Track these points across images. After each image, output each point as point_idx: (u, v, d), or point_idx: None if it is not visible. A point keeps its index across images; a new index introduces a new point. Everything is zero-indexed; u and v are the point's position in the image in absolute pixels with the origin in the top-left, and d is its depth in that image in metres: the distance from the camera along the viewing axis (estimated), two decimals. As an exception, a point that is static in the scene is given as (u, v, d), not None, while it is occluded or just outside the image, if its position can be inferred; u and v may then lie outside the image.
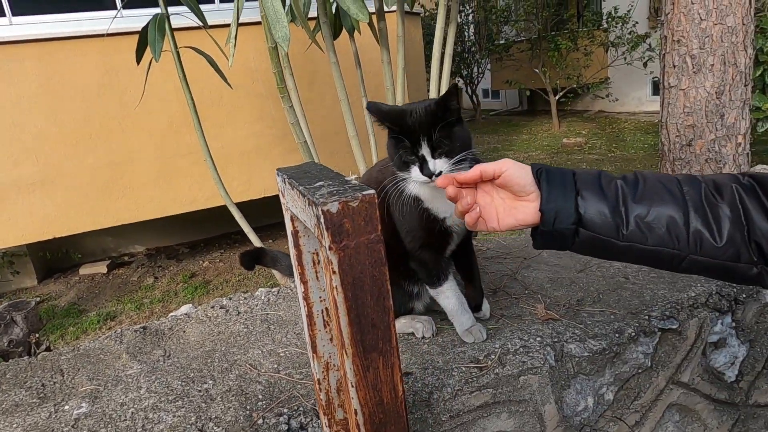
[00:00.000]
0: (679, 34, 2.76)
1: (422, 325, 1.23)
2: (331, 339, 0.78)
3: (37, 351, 1.37)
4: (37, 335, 1.31)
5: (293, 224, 0.75)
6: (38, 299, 4.68)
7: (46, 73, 3.99)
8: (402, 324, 1.26)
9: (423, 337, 1.23)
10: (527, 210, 0.79)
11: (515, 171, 0.78)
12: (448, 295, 1.19)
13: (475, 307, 1.28)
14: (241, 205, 3.80)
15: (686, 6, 2.68)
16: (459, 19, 12.00)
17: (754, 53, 2.78)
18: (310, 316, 0.79)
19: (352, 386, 0.60)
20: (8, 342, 1.25)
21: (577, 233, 0.75)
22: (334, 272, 0.56)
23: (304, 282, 0.77)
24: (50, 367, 1.26)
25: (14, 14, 4.05)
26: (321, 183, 0.62)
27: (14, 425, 1.05)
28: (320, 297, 0.77)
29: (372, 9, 2.10)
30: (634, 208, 0.72)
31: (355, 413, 0.61)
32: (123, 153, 4.36)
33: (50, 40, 3.95)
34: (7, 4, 3.99)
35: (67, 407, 1.10)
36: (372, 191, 0.56)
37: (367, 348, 0.59)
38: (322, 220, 0.54)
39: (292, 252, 0.77)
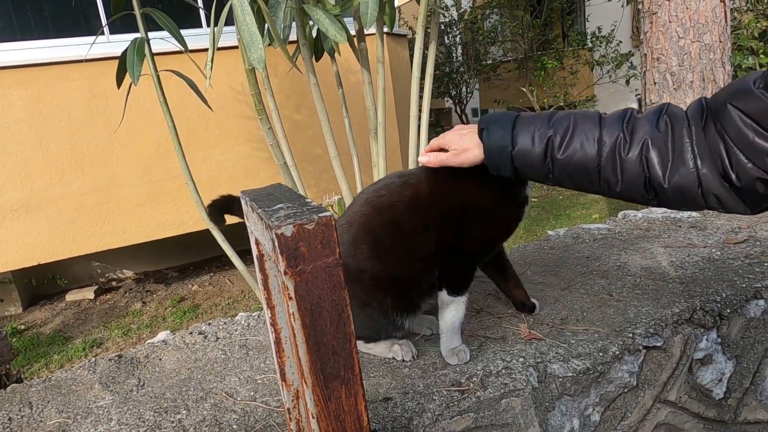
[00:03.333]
0: (658, 52, 2.80)
1: (400, 348, 1.21)
2: (297, 368, 0.76)
3: (7, 383, 1.33)
4: (8, 366, 1.28)
5: (258, 248, 0.73)
6: (20, 327, 4.58)
7: (31, 99, 3.98)
8: (382, 348, 1.23)
9: (403, 360, 1.20)
10: (470, 157, 1.03)
11: (449, 135, 1.09)
12: (461, 308, 1.18)
13: (530, 308, 1.36)
14: (229, 228, 3.77)
15: (664, 24, 2.73)
16: (447, 41, 12.19)
17: (732, 69, 2.83)
18: (278, 342, 0.76)
19: (313, 417, 0.57)
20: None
21: (516, 171, 0.99)
22: (290, 298, 0.54)
23: (271, 307, 0.75)
24: (19, 400, 1.22)
25: (0, 40, 4.06)
26: (280, 206, 0.60)
27: (-24, 463, 1.01)
28: (286, 321, 0.75)
29: (353, 31, 2.11)
30: (558, 160, 0.93)
31: (317, 446, 0.58)
32: (110, 177, 4.33)
33: (36, 65, 3.95)
34: (-7, 31, 4.00)
35: (33, 442, 1.06)
36: (329, 213, 0.54)
37: (327, 377, 0.56)
38: (276, 243, 0.52)
39: (259, 276, 0.75)
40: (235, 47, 3.84)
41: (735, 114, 0.77)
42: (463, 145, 1.03)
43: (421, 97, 2.10)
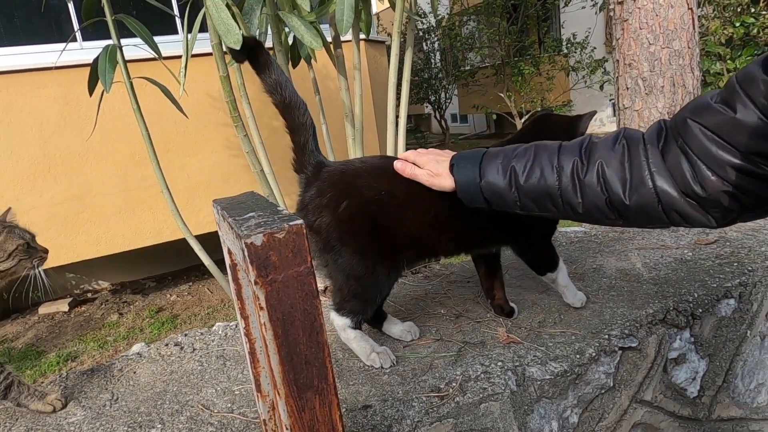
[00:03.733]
0: (630, 58, 2.86)
1: (378, 356, 1.20)
2: (269, 379, 0.75)
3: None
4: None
5: (231, 257, 0.72)
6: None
7: (1, 107, 3.88)
8: (360, 347, 1.21)
9: (382, 368, 1.20)
10: (443, 183, 1.08)
11: (439, 188, 1.09)
12: (564, 270, 1.37)
13: (508, 312, 1.39)
14: (209, 236, 3.71)
15: (635, 31, 2.79)
16: (425, 47, 12.28)
17: (701, 75, 2.91)
18: (252, 353, 0.75)
19: (287, 429, 0.56)
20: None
21: (488, 202, 1.04)
22: (261, 308, 0.54)
23: (244, 317, 0.74)
24: (-15, 418, 1.18)
25: (-32, 48, 3.95)
26: (251, 214, 0.59)
27: (-61, 486, 0.97)
28: (259, 331, 0.74)
29: (329, 37, 2.11)
30: (522, 188, 0.98)
31: (291, 457, 0.57)
32: (84, 186, 4.23)
33: (6, 72, 3.86)
34: (-40, 37, 3.89)
35: (0, 462, 1.02)
36: (300, 222, 0.54)
37: (301, 387, 0.56)
38: (246, 253, 0.52)
39: (232, 286, 0.74)
40: (211, 54, 3.80)
41: (696, 128, 0.80)
42: (438, 171, 1.08)
43: (398, 103, 2.11)
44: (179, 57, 2.17)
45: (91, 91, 2.18)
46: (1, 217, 1.21)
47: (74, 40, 4.01)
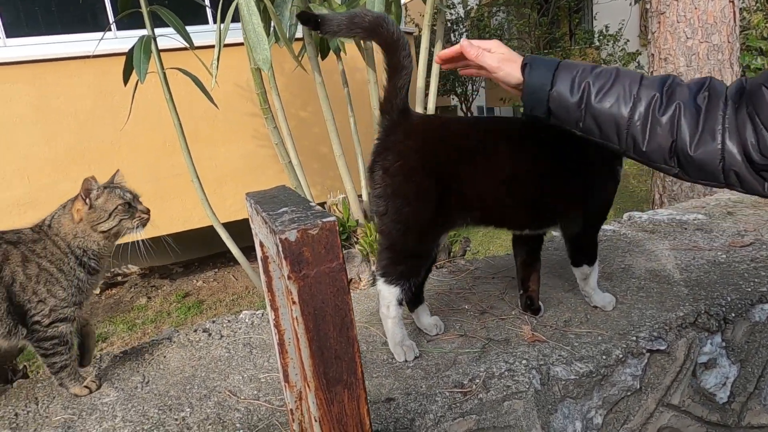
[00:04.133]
0: (665, 52, 2.78)
1: (405, 349, 1.21)
2: (299, 371, 0.76)
3: (14, 378, 1.34)
4: (14, 361, 1.29)
5: (262, 250, 0.73)
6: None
7: (39, 95, 4.00)
8: (394, 331, 1.21)
9: (405, 361, 1.21)
10: (517, 76, 1.00)
11: (488, 58, 1.01)
12: (596, 274, 1.37)
13: (536, 310, 1.39)
14: (235, 224, 3.77)
15: (672, 25, 2.71)
16: (453, 38, 12.15)
17: (741, 70, 2.81)
18: (281, 344, 0.77)
19: (316, 421, 0.58)
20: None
21: (549, 113, 0.99)
22: (294, 302, 0.54)
23: (274, 309, 0.75)
24: (25, 396, 1.23)
25: (8, 36, 4.08)
26: (285, 209, 0.60)
27: (-17, 458, 1.02)
28: (290, 324, 0.75)
29: (359, 30, 2.11)
30: (592, 108, 0.93)
31: (320, 449, 0.58)
32: (116, 173, 4.34)
33: (44, 61, 3.97)
34: (1, 26, 4.02)
35: (38, 438, 1.07)
36: (333, 218, 0.55)
37: (330, 381, 0.57)
38: (280, 248, 0.52)
39: (263, 278, 0.76)
40: (242, 44, 3.84)
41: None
42: (512, 57, 1.00)
43: (426, 95, 2.09)
44: (209, 47, 2.19)
45: (125, 80, 2.23)
46: (108, 180, 1.27)
47: (110, 30, 4.10)
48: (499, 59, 1.00)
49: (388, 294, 1.18)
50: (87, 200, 1.19)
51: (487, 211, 1.22)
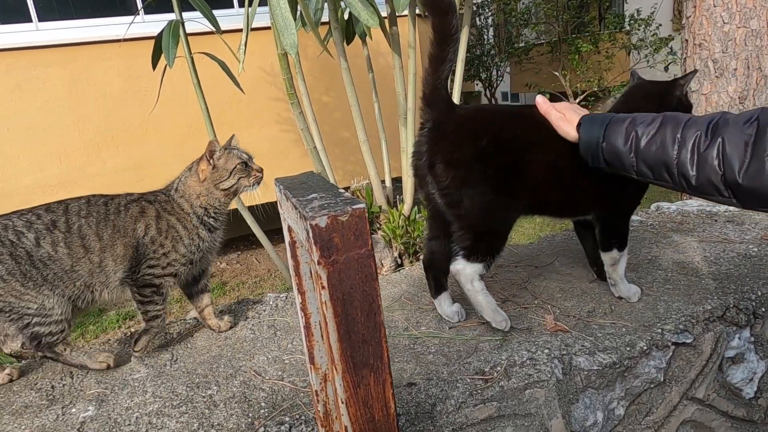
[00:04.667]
0: (700, 38, 2.69)
1: (500, 315, 1.25)
2: (327, 354, 0.77)
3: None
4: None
5: (290, 235, 0.74)
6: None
7: (70, 78, 4.09)
8: (487, 301, 1.25)
9: (504, 330, 1.24)
10: (574, 135, 1.14)
11: (562, 128, 1.15)
12: (624, 262, 1.36)
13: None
14: (258, 208, 3.81)
15: (708, 9, 2.61)
16: (478, 22, 11.94)
17: (780, 57, 2.69)
18: (307, 327, 0.78)
19: (343, 402, 0.59)
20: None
21: (607, 164, 1.10)
22: (323, 287, 0.56)
23: (301, 293, 0.77)
24: (60, 369, 1.28)
25: (40, 20, 4.16)
26: (314, 195, 0.61)
27: (22, 426, 1.07)
28: (318, 308, 0.77)
29: (384, 13, 2.09)
30: (641, 154, 1.02)
31: (346, 430, 0.60)
32: (143, 156, 4.43)
33: (74, 45, 4.04)
34: (34, 10, 4.10)
35: (74, 410, 1.11)
36: (362, 205, 0.55)
37: (357, 364, 0.58)
38: (311, 234, 0.53)
39: (290, 262, 0.77)
40: (266, 28, 3.84)
41: None
42: (571, 118, 1.15)
43: (451, 81, 2.07)
44: (233, 31, 2.20)
45: (154, 65, 2.26)
46: (225, 143, 1.38)
47: (138, 14, 4.15)
48: (558, 118, 1.16)
49: (471, 270, 1.21)
50: (211, 160, 1.32)
51: (536, 197, 1.23)
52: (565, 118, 1.15)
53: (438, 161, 1.16)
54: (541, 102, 1.20)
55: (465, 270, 1.21)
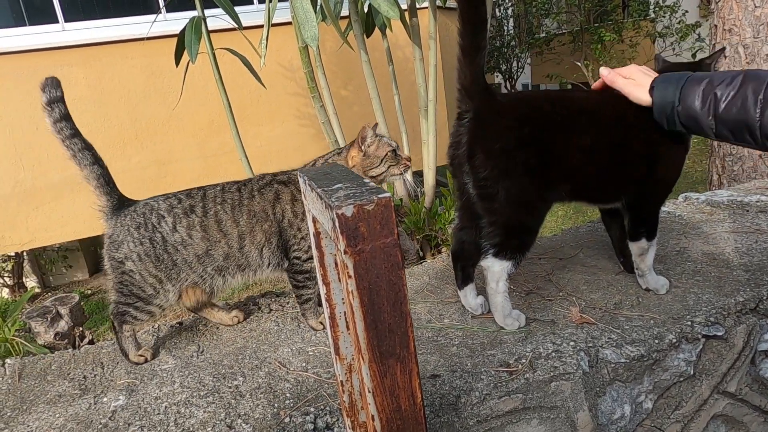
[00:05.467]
0: (730, 23, 2.60)
1: (513, 319, 1.25)
2: (354, 344, 0.78)
3: (81, 344, 1.44)
4: (81, 328, 1.39)
5: (315, 226, 0.75)
6: (87, 292, 4.90)
7: (94, 77, 4.17)
8: (503, 305, 1.25)
9: (518, 329, 1.24)
10: (646, 99, 1.10)
11: (636, 100, 1.12)
12: (653, 252, 1.34)
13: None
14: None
15: (739, -8, 2.53)
16: (498, 13, 11.78)
17: (815, 41, 2.59)
18: (332, 317, 0.78)
19: (369, 392, 0.59)
20: (54, 334, 1.33)
21: (684, 127, 1.05)
22: (349, 276, 0.56)
23: (326, 284, 0.77)
24: (92, 360, 1.32)
25: (66, 20, 4.25)
26: (339, 185, 0.61)
27: (56, 415, 1.10)
28: (343, 299, 0.77)
29: (404, 6, 2.08)
30: (720, 117, 0.97)
31: (373, 419, 0.60)
32: (167, 152, 4.51)
33: (98, 44, 4.12)
34: (60, 11, 4.19)
35: (105, 399, 1.14)
36: (388, 194, 0.55)
37: (384, 354, 0.58)
38: (337, 223, 0.53)
39: (315, 253, 0.77)
40: (284, 24, 3.86)
41: None
42: (642, 81, 1.11)
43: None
44: (253, 27, 2.21)
45: (177, 61, 2.29)
46: (372, 127, 1.37)
47: (160, 12, 4.20)
48: (626, 84, 1.13)
49: (500, 268, 1.20)
50: (362, 147, 1.32)
51: (574, 183, 1.22)
52: (635, 83, 1.11)
53: (478, 151, 1.14)
54: (605, 72, 1.18)
55: (494, 267, 1.21)
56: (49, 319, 1.72)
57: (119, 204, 1.30)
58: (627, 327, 1.20)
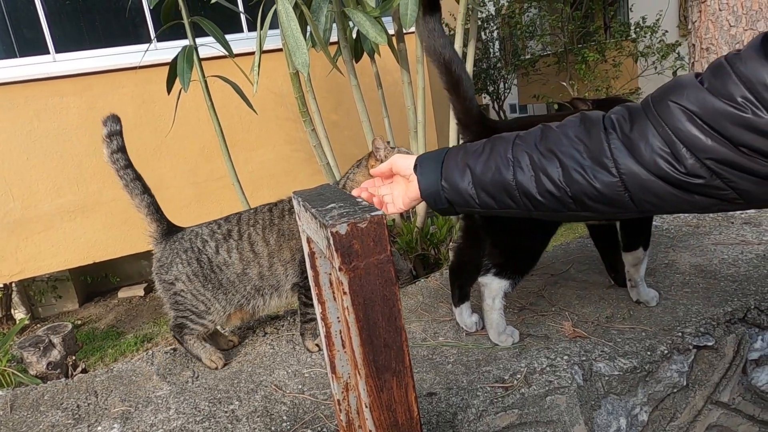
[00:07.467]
0: (707, 42, 2.69)
1: (507, 336, 1.26)
2: (350, 360, 0.78)
3: (74, 373, 1.42)
4: (74, 357, 1.37)
5: (309, 246, 0.76)
6: (77, 323, 4.84)
7: (86, 106, 4.20)
8: (498, 322, 1.26)
9: (513, 344, 1.25)
10: (415, 188, 0.95)
11: (399, 161, 0.97)
12: (645, 264, 1.36)
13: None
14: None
15: (714, 13, 2.62)
16: (484, 36, 12.05)
17: (789, 57, 2.69)
18: (328, 336, 0.79)
19: (366, 407, 0.60)
20: (47, 364, 1.31)
21: (450, 204, 0.93)
22: (345, 293, 0.57)
23: (321, 303, 0.78)
24: (85, 389, 1.31)
25: (57, 51, 4.29)
26: (333, 205, 0.63)
27: (50, 445, 1.09)
28: (338, 317, 0.78)
29: (392, 31, 2.13)
30: (479, 183, 0.89)
31: (370, 434, 0.61)
32: (158, 180, 4.50)
33: (89, 74, 4.16)
34: (51, 41, 4.24)
35: (99, 428, 1.13)
36: (380, 212, 0.57)
37: (380, 368, 0.59)
38: (332, 241, 0.55)
39: (310, 273, 0.79)
40: (274, 50, 3.93)
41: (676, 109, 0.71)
42: (404, 164, 0.98)
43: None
44: (243, 54, 2.25)
45: (169, 89, 2.33)
46: (382, 139, 1.39)
47: (151, 41, 4.26)
48: (379, 204, 0.99)
49: (497, 286, 1.22)
50: (378, 157, 1.36)
51: None
52: (384, 203, 0.98)
53: None
54: (363, 196, 0.98)
55: (492, 284, 1.22)
56: (41, 348, 1.70)
57: (168, 230, 1.40)
58: (619, 339, 1.22)
